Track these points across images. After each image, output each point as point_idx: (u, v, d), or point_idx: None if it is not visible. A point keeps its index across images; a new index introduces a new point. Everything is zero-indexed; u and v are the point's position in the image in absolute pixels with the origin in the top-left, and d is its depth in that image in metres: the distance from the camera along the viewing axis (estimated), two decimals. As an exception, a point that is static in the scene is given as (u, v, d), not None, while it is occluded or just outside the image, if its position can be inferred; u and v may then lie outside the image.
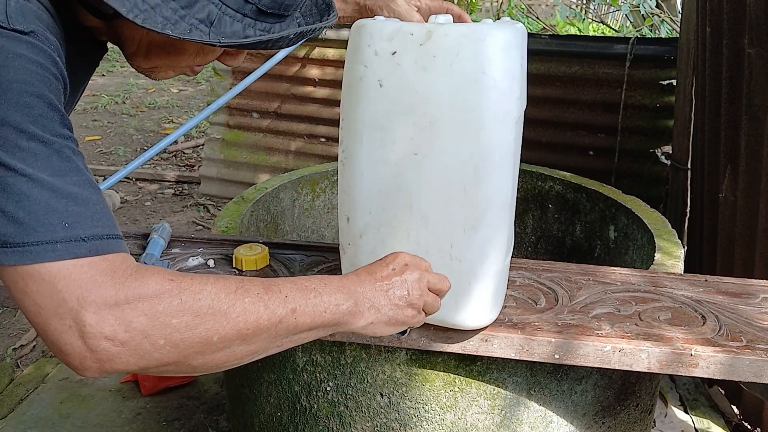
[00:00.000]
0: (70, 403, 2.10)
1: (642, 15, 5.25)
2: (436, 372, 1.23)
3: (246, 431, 1.52)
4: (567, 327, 1.15)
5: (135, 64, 0.92)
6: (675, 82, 2.68)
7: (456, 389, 1.23)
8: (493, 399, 1.24)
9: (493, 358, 1.15)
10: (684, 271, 1.50)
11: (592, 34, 6.50)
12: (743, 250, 1.97)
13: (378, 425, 1.29)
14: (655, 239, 1.66)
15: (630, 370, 1.12)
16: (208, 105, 3.10)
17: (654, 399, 1.46)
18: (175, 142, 4.64)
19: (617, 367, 1.11)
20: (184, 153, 4.83)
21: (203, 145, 4.25)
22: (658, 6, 5.07)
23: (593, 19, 6.82)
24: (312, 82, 3.58)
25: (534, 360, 1.13)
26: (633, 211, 1.88)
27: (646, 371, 1.11)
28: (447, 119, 0.98)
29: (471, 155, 0.99)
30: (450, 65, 0.96)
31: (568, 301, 1.23)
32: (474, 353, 1.14)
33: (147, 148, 4.54)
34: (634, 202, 1.95)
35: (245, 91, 3.28)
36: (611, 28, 6.57)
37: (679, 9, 4.46)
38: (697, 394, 2.21)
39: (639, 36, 3.67)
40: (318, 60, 3.51)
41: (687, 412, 2.13)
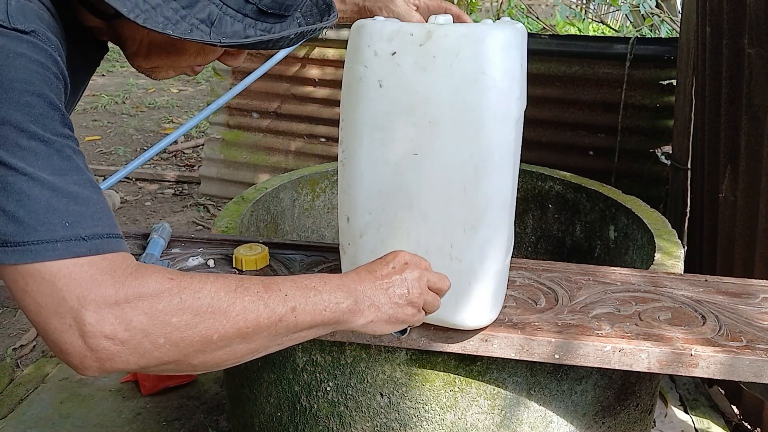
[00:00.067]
0: (70, 403, 2.10)
1: (642, 15, 5.25)
2: (436, 372, 1.23)
3: (246, 431, 1.52)
4: (567, 327, 1.15)
5: (136, 64, 0.92)
6: (675, 82, 2.68)
7: (456, 389, 1.23)
8: (493, 399, 1.24)
9: (493, 358, 1.15)
10: (684, 271, 1.50)
11: (592, 34, 6.50)
12: (743, 250, 1.97)
13: (378, 425, 1.29)
14: (655, 239, 1.66)
15: (630, 370, 1.12)
16: (208, 105, 3.10)
17: (654, 399, 1.46)
18: (175, 142, 4.64)
19: (617, 367, 1.11)
20: (184, 153, 4.83)
21: (203, 145, 4.25)
22: (658, 6, 5.07)
23: (593, 19, 6.82)
24: (312, 82, 3.58)
25: (534, 360, 1.13)
26: (633, 211, 1.88)
27: (646, 371, 1.11)
28: (447, 119, 0.98)
29: (471, 155, 0.99)
30: (450, 65, 0.96)
31: (568, 301, 1.23)
32: (474, 353, 1.14)
33: (147, 148, 4.54)
34: (634, 202, 1.95)
35: (245, 91, 3.28)
36: (611, 28, 6.57)
37: (679, 9, 4.46)
38: (697, 394, 2.21)
39: (639, 36, 3.67)
40: (318, 60, 3.51)
41: (687, 412, 2.13)
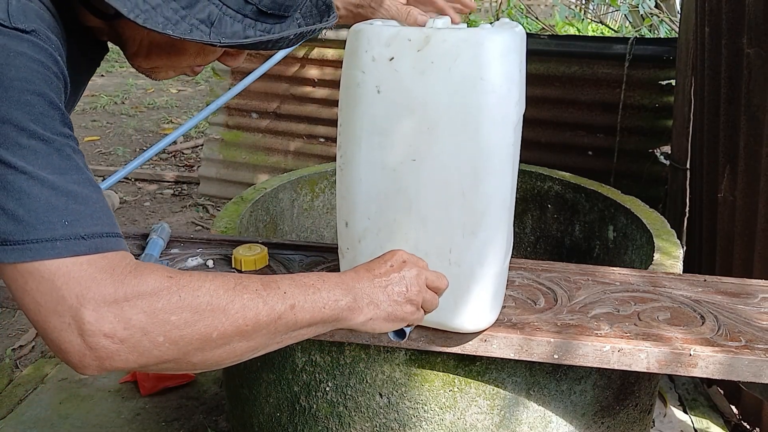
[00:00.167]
0: (69, 404, 2.10)
1: (641, 15, 5.25)
2: (435, 372, 1.23)
3: (245, 431, 1.52)
4: (566, 327, 1.15)
5: (136, 64, 0.92)
6: (674, 82, 2.68)
7: (455, 389, 1.24)
8: (493, 399, 1.24)
9: (493, 358, 1.16)
10: (683, 271, 1.50)
11: (591, 34, 6.50)
12: (742, 250, 1.97)
13: (377, 425, 1.29)
14: (654, 239, 1.66)
15: (629, 370, 1.12)
16: (207, 105, 3.10)
17: (653, 399, 1.47)
18: (174, 142, 4.63)
19: (616, 367, 1.11)
20: (183, 153, 4.83)
21: (202, 146, 4.25)
22: (657, 6, 5.08)
23: (592, 20, 6.82)
24: (311, 82, 3.58)
25: (533, 360, 1.13)
26: (632, 211, 1.88)
27: (645, 371, 1.11)
28: (445, 124, 0.98)
29: (470, 159, 0.98)
30: (448, 70, 0.96)
31: (567, 301, 1.23)
32: (473, 353, 1.14)
33: (146, 148, 4.54)
34: (633, 202, 1.95)
35: (244, 92, 3.27)
36: (610, 28, 6.57)
37: (678, 9, 4.46)
38: (696, 394, 2.21)
39: (638, 36, 3.67)
40: (317, 60, 3.51)
41: (686, 412, 2.13)
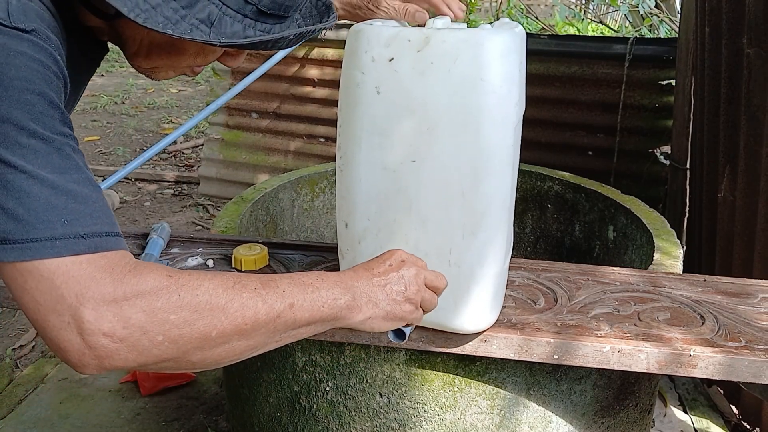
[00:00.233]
0: (69, 404, 2.10)
1: (641, 15, 5.25)
2: (435, 372, 1.23)
3: (245, 431, 1.52)
4: (566, 327, 1.15)
5: (136, 64, 0.92)
6: (674, 82, 2.68)
7: (455, 389, 1.24)
8: (493, 399, 1.24)
9: (493, 358, 1.16)
10: (683, 271, 1.50)
11: (591, 34, 6.50)
12: (742, 250, 1.97)
13: (377, 425, 1.29)
14: (654, 239, 1.66)
15: (629, 370, 1.12)
16: (207, 105, 3.10)
17: (653, 399, 1.47)
18: (175, 142, 4.63)
19: (616, 368, 1.11)
20: (183, 153, 4.83)
21: (202, 146, 4.25)
22: (657, 6, 5.08)
23: (592, 19, 6.82)
24: (311, 82, 3.58)
25: (533, 360, 1.13)
26: (632, 211, 1.88)
27: (645, 372, 1.11)
28: (445, 124, 0.98)
29: (469, 160, 0.98)
30: (448, 71, 0.95)
31: (567, 302, 1.23)
32: (473, 353, 1.14)
33: (146, 148, 4.54)
34: (633, 202, 1.95)
35: (244, 92, 3.27)
36: (610, 28, 6.57)
37: (678, 9, 4.46)
38: (696, 393, 2.21)
39: (638, 36, 3.67)
40: (317, 60, 3.51)
41: (686, 411, 2.13)
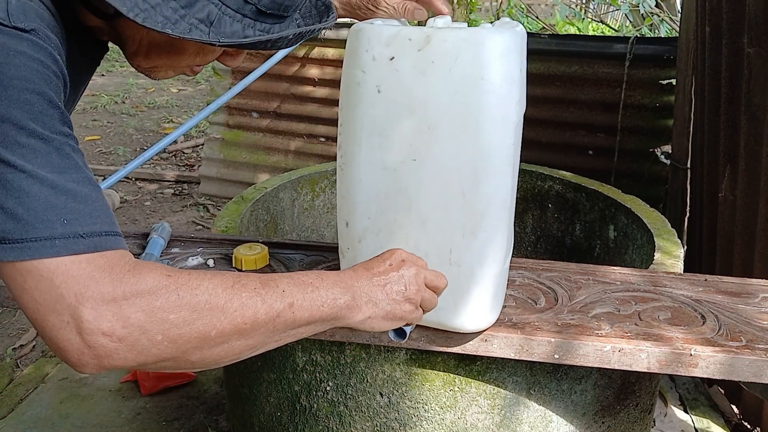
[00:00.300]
0: (69, 403, 2.10)
1: (641, 14, 5.25)
2: (435, 372, 1.23)
3: (246, 431, 1.52)
4: (567, 327, 1.15)
5: (135, 63, 0.92)
6: (674, 81, 2.68)
7: (456, 389, 1.23)
8: (493, 398, 1.24)
9: (493, 357, 1.15)
10: (683, 271, 1.50)
11: (591, 33, 6.50)
12: (742, 249, 1.97)
13: (378, 425, 1.29)
14: (655, 239, 1.66)
15: (630, 370, 1.12)
16: (207, 105, 3.10)
17: (654, 398, 1.46)
18: (175, 141, 4.64)
19: (617, 367, 1.11)
20: (183, 153, 4.83)
21: (203, 145, 4.25)
22: (657, 5, 5.08)
23: (593, 19, 6.82)
24: (311, 81, 3.58)
25: (534, 360, 1.13)
26: (632, 211, 1.88)
27: (645, 371, 1.11)
28: (446, 124, 0.98)
29: (470, 160, 0.98)
30: (449, 70, 0.95)
31: (567, 301, 1.23)
32: (474, 353, 1.14)
33: (146, 147, 4.54)
34: (633, 201, 1.95)
35: (245, 91, 3.28)
36: (611, 27, 6.57)
37: (679, 8, 4.45)
38: (697, 393, 2.21)
39: (638, 35, 3.67)
40: (317, 60, 3.51)
41: (687, 411, 2.13)
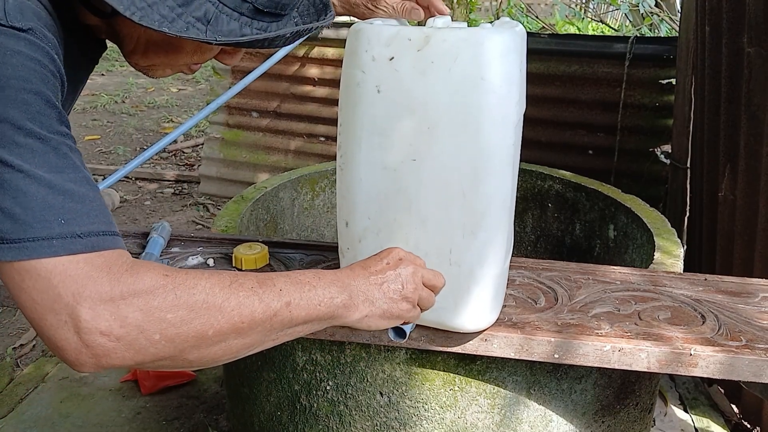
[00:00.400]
0: (70, 403, 2.10)
1: (641, 14, 5.25)
2: (435, 371, 1.23)
3: (246, 430, 1.52)
4: (566, 326, 1.14)
5: (133, 62, 0.92)
6: (674, 81, 2.68)
7: (456, 388, 1.23)
8: (493, 398, 1.24)
9: (493, 357, 1.15)
10: (683, 270, 1.50)
11: (591, 33, 6.50)
12: (742, 249, 1.97)
13: (378, 424, 1.29)
14: (655, 238, 1.66)
15: (629, 369, 1.12)
16: (207, 104, 3.09)
17: (653, 398, 1.46)
18: (175, 141, 4.63)
19: (617, 367, 1.11)
20: (183, 152, 4.83)
21: (203, 145, 4.25)
22: (657, 5, 5.07)
23: (592, 18, 6.82)
24: (311, 81, 3.58)
25: (533, 359, 1.13)
26: (632, 210, 1.88)
27: (645, 371, 1.11)
28: (445, 124, 0.97)
29: (470, 160, 0.98)
30: (448, 70, 0.95)
31: (567, 301, 1.23)
32: (473, 353, 1.14)
33: (146, 147, 4.54)
34: (633, 201, 1.95)
35: (245, 91, 3.27)
36: (610, 27, 6.57)
37: (679, 8, 4.45)
38: (697, 393, 2.21)
39: (638, 35, 3.67)
40: (317, 59, 3.51)
41: (686, 411, 2.13)
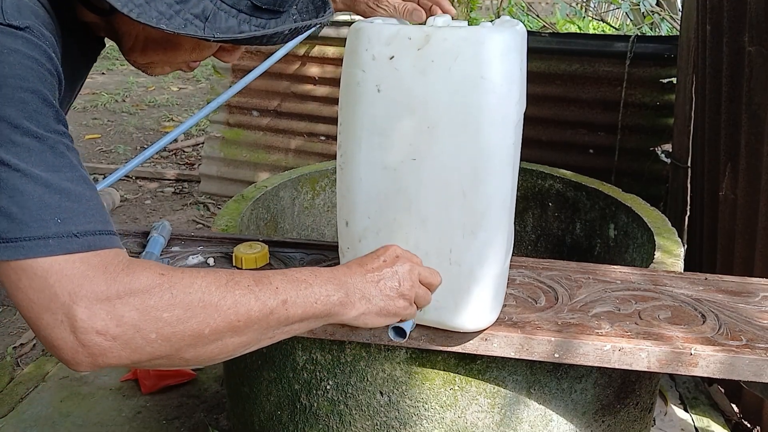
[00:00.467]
0: (70, 402, 2.10)
1: (642, 13, 5.24)
2: (435, 370, 1.23)
3: (246, 430, 1.52)
4: (567, 326, 1.14)
5: (132, 59, 0.92)
6: (675, 80, 2.68)
7: (456, 388, 1.23)
8: (493, 397, 1.24)
9: (493, 356, 1.15)
10: (684, 270, 1.50)
11: (592, 32, 6.49)
12: (743, 248, 1.97)
13: (378, 424, 1.29)
14: (655, 237, 1.66)
15: (630, 369, 1.11)
16: (208, 103, 3.10)
17: (654, 397, 1.46)
18: (175, 140, 4.63)
19: (617, 367, 1.11)
20: (184, 151, 4.83)
21: (203, 144, 4.25)
22: (658, 4, 5.07)
23: (593, 17, 6.81)
24: (312, 80, 3.57)
25: (534, 359, 1.13)
26: (633, 210, 1.88)
27: (645, 370, 1.11)
28: (446, 123, 0.97)
29: (470, 159, 0.98)
30: (449, 69, 0.95)
31: (568, 300, 1.23)
32: (474, 352, 1.14)
33: (147, 146, 4.54)
34: (634, 200, 1.95)
35: (245, 89, 3.27)
36: (611, 26, 6.56)
37: (680, 7, 4.45)
38: (697, 392, 2.21)
39: (639, 34, 3.66)
40: (318, 58, 3.51)
41: (687, 410, 2.13)
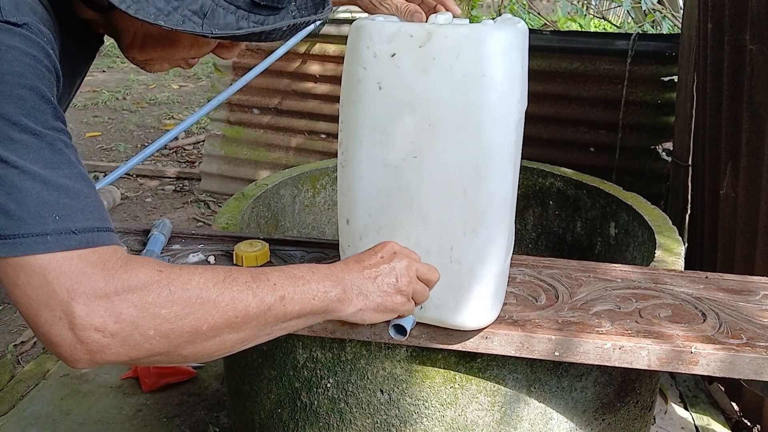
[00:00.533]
0: (70, 400, 2.11)
1: (643, 11, 5.23)
2: (436, 369, 1.23)
3: (246, 428, 1.52)
4: (567, 324, 1.14)
5: (130, 56, 0.92)
6: (676, 78, 2.67)
7: (456, 386, 1.23)
8: (494, 396, 1.24)
9: (494, 355, 1.15)
10: (684, 268, 1.50)
11: (593, 30, 6.48)
12: (744, 247, 1.97)
13: (378, 422, 1.29)
14: (656, 236, 1.66)
15: (630, 367, 1.11)
16: (208, 101, 3.10)
17: (654, 396, 1.46)
18: (176, 138, 4.63)
19: (617, 365, 1.11)
20: (184, 149, 4.83)
21: (204, 142, 4.25)
22: (659, 2, 5.06)
23: (594, 15, 6.80)
24: (313, 78, 3.57)
25: (534, 357, 1.13)
26: (634, 208, 1.88)
27: (646, 369, 1.11)
28: (447, 121, 0.97)
29: (471, 157, 0.98)
30: (450, 67, 0.95)
31: (568, 298, 1.23)
32: (474, 350, 1.14)
33: (147, 144, 4.54)
34: (634, 198, 1.95)
35: (246, 88, 3.27)
36: (613, 24, 6.55)
37: (681, 5, 4.44)
38: (697, 391, 2.21)
39: (640, 32, 3.65)
40: (319, 56, 3.50)
41: (687, 408, 2.13)
